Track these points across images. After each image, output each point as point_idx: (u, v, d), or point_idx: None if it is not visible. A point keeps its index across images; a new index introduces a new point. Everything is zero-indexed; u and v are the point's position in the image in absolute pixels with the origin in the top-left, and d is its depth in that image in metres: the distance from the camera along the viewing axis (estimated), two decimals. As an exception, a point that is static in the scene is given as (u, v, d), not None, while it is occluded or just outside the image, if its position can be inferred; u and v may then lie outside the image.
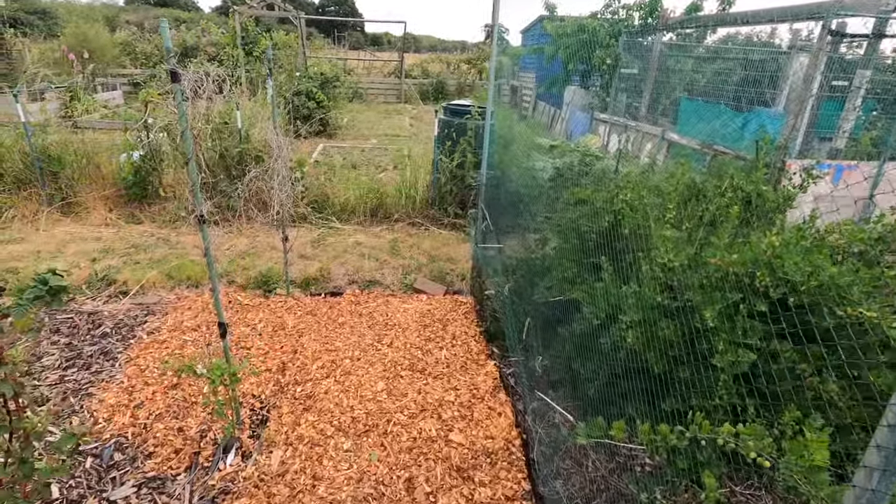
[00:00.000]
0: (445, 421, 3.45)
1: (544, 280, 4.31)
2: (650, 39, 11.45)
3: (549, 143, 8.98)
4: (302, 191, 6.64)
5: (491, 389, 3.81)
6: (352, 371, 3.98)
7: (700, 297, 3.02)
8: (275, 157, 4.29)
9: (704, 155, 9.22)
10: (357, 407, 3.56)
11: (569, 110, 14.86)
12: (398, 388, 3.80)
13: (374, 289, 5.61)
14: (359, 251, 6.28)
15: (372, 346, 4.37)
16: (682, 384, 3.08)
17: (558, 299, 4.00)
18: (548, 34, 13.64)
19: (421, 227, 7.12)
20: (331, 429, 3.35)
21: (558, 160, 8.08)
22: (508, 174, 6.65)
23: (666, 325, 3.12)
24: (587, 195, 4.23)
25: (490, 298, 5.24)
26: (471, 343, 4.48)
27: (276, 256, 5.94)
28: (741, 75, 10.28)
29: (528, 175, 6.77)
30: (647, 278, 3.31)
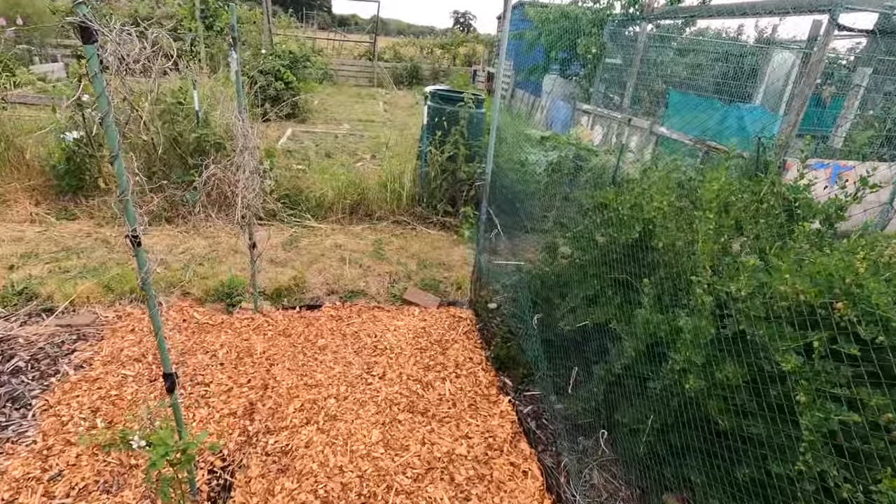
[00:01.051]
0: (460, 486, 2.77)
1: (565, 300, 3.66)
2: (635, 30, 10.95)
3: (539, 135, 8.34)
4: (271, 184, 5.76)
5: (510, 437, 3.14)
6: (338, 414, 3.23)
7: (765, 332, 2.42)
8: (240, 147, 3.45)
9: (697, 151, 8.78)
10: (347, 467, 2.83)
11: (549, 100, 14.28)
12: (397, 437, 3.08)
13: (358, 300, 4.84)
14: (338, 255, 5.47)
15: (361, 378, 3.63)
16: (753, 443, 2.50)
17: (584, 324, 3.35)
18: (528, 20, 12.97)
19: (407, 227, 6.36)
20: (316, 502, 2.60)
21: (552, 153, 7.44)
22: (506, 170, 5.96)
23: (731, 368, 2.51)
24: (609, 199, 3.57)
25: (494, 313, 4.57)
26: (478, 373, 3.80)
27: (241, 261, 5.08)
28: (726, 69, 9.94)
29: (530, 172, 6.09)
30: (700, 307, 2.68)
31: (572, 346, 3.48)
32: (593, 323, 3.28)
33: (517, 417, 3.32)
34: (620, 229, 3.37)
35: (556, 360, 3.60)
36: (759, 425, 2.47)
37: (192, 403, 3.24)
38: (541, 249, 4.08)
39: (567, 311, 3.48)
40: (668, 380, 2.68)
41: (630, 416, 2.81)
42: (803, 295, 2.40)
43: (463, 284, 5.20)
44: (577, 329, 3.38)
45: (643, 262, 3.17)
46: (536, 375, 3.62)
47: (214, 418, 3.15)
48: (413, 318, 4.56)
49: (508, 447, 3.05)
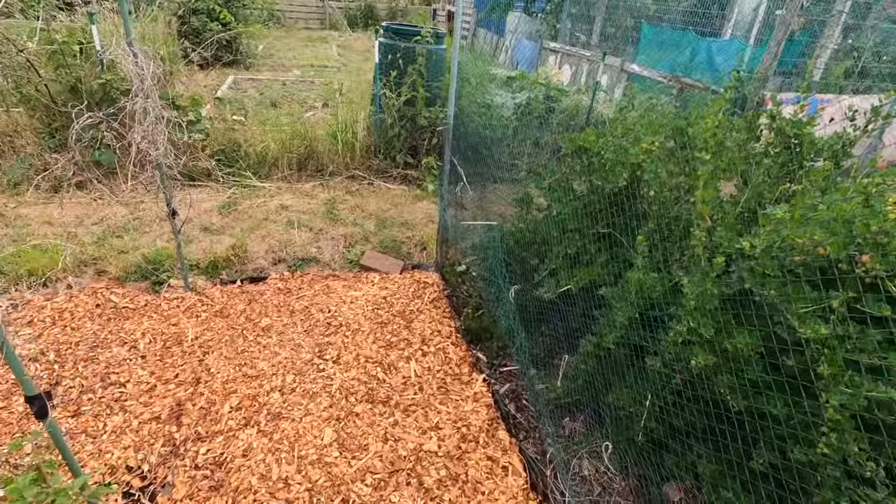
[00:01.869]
0: (430, 490, 2.34)
1: (543, 262, 3.18)
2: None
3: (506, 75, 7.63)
4: (201, 139, 4.96)
5: (487, 425, 2.72)
6: (284, 412, 2.73)
7: (778, 293, 2.03)
8: (134, 90, 2.71)
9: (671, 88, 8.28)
10: (294, 479, 2.36)
11: (514, 39, 13.39)
12: (354, 435, 2.61)
13: (309, 269, 4.26)
14: (285, 218, 4.82)
15: (311, 363, 3.11)
16: (768, 424, 2.14)
17: (566, 289, 2.89)
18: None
19: (364, 182, 5.71)
20: (254, 528, 2.14)
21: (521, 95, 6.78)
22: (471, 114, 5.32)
23: (744, 338, 2.11)
24: (590, 142, 3.04)
25: (464, 276, 4.08)
26: (448, 348, 3.33)
27: (169, 231, 4.37)
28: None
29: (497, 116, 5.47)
30: (704, 268, 2.25)
31: (553, 312, 3.04)
32: (577, 287, 2.82)
33: (493, 400, 2.89)
34: (604, 176, 2.86)
35: (534, 330, 3.16)
36: (775, 403, 2.09)
37: (103, 410, 2.67)
38: (513, 202, 3.55)
39: (546, 275, 3.01)
40: (669, 354, 2.27)
41: (624, 396, 2.41)
42: (822, 248, 1.97)
43: (428, 244, 4.67)
44: (558, 295, 2.92)
45: (630, 214, 2.70)
46: (513, 348, 3.18)
47: (132, 426, 2.61)
48: (373, 286, 4.03)
49: (485, 437, 2.64)
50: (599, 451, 2.52)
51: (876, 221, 1.80)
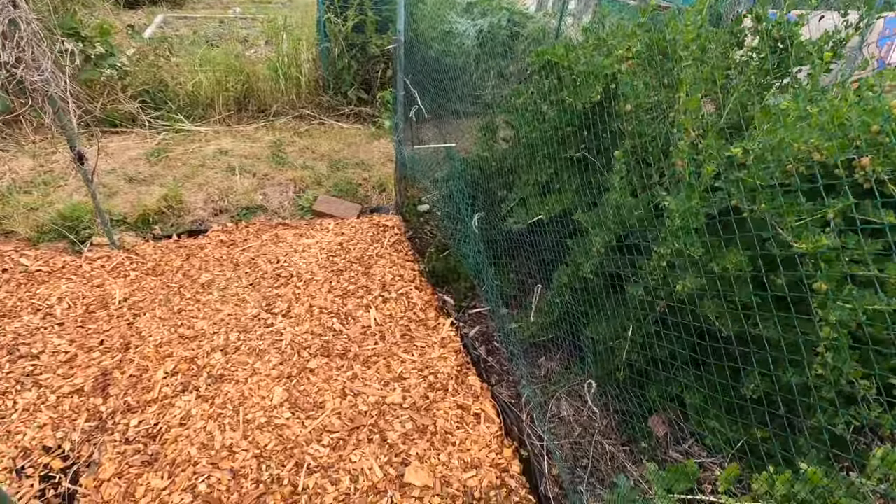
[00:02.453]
0: (395, 446, 2.11)
1: (511, 191, 2.88)
2: None
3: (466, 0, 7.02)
4: (115, 75, 4.33)
5: (455, 372, 2.48)
6: (227, 373, 2.42)
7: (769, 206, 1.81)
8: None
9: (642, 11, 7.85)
10: (240, 445, 2.08)
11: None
12: (308, 393, 2.34)
13: (256, 218, 3.85)
14: (225, 164, 4.32)
15: (258, 319, 2.78)
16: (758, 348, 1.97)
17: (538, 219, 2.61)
18: None
19: (313, 122, 5.19)
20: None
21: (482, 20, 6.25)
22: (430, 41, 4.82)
23: (733, 257, 1.90)
24: (559, 56, 2.67)
25: (426, 216, 3.75)
26: (411, 293, 3.05)
27: (89, 183, 3.84)
28: None
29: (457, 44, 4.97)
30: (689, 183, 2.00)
31: (524, 247, 2.77)
32: (549, 216, 2.54)
33: (462, 344, 2.65)
34: (576, 92, 2.51)
35: (504, 267, 2.90)
36: (767, 326, 1.90)
37: (12, 387, 2.30)
38: (478, 131, 3.19)
39: (515, 205, 2.71)
40: (652, 279, 2.04)
41: (604, 329, 2.19)
42: (818, 152, 1.74)
43: (387, 185, 4.29)
44: (528, 226, 2.64)
45: (605, 136, 2.40)
46: (482, 288, 2.92)
47: (48, 402, 2.26)
48: (327, 233, 3.67)
49: (454, 385, 2.40)
50: (578, 390, 2.32)
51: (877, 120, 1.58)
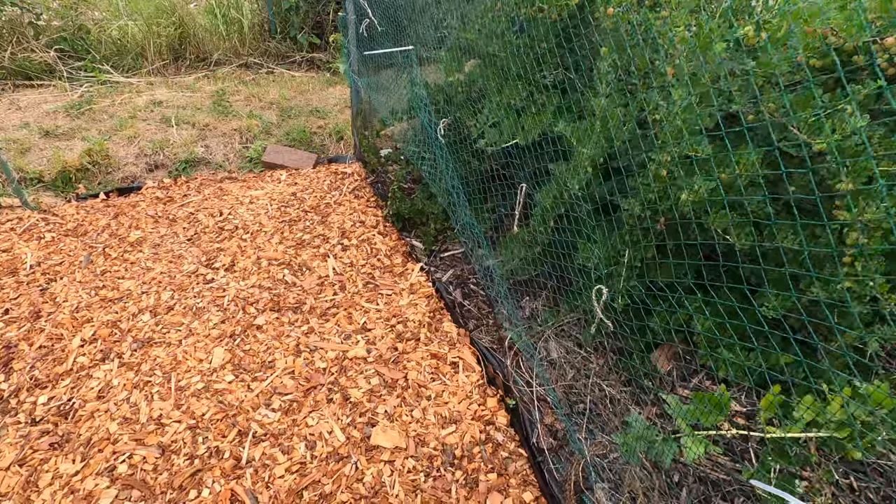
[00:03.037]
0: (359, 405, 1.78)
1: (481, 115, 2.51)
2: None
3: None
4: (29, 21, 3.74)
5: (428, 319, 2.16)
6: (157, 336, 2.04)
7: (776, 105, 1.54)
8: None
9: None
10: (171, 416, 1.73)
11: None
12: (256, 352, 1.98)
13: (197, 172, 3.41)
14: (159, 115, 3.82)
15: (196, 275, 2.39)
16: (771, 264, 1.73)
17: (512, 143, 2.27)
18: None
19: (260, 71, 4.69)
20: (111, 490, 1.52)
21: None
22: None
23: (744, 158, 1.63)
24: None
25: (390, 159, 3.37)
26: (374, 238, 2.69)
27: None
28: None
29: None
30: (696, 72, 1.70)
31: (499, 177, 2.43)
32: (526, 140, 2.20)
33: (435, 289, 2.32)
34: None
35: (478, 200, 2.56)
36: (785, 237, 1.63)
37: None
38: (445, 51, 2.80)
39: (488, 126, 2.35)
40: (650, 192, 1.74)
41: (595, 256, 1.88)
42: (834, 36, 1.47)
43: (345, 133, 3.87)
44: (502, 150, 2.30)
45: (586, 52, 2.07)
46: (456, 225, 2.59)
47: (-66, 383, 1.85)
48: (278, 183, 3.26)
49: (427, 333, 2.08)
50: (569, 330, 2.03)
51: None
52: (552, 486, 1.51)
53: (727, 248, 1.82)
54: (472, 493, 1.51)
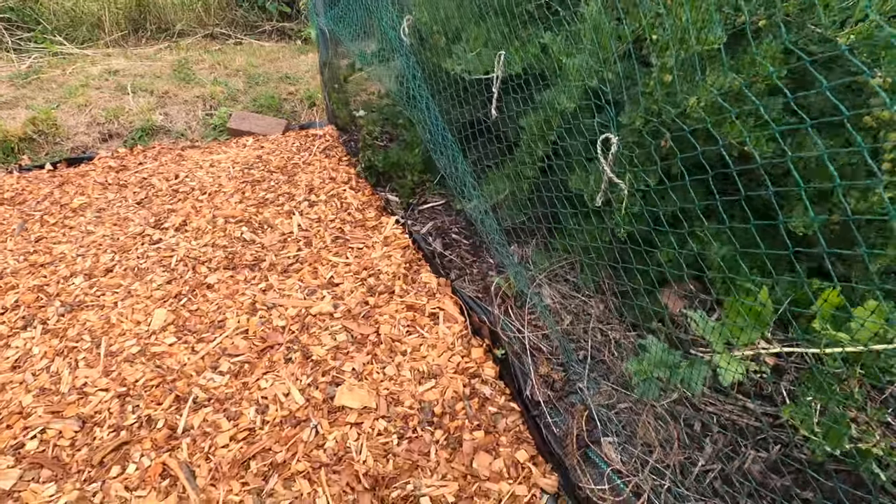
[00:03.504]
0: (321, 363, 1.52)
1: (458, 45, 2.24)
2: None
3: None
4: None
5: (403, 271, 1.90)
6: (89, 299, 1.77)
7: None
8: None
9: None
10: (98, 385, 1.46)
11: None
12: (204, 312, 1.71)
13: (156, 141, 3.12)
14: (115, 83, 3.53)
15: (142, 236, 2.12)
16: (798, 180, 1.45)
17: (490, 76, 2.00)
18: None
19: (228, 41, 4.40)
20: (14, 471, 1.25)
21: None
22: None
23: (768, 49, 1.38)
24: None
25: (366, 120, 3.09)
26: (344, 193, 2.42)
27: (-71, 110, 3.02)
28: None
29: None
30: None
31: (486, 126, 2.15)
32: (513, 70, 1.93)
33: (412, 240, 2.06)
34: None
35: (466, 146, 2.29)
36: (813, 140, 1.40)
37: None
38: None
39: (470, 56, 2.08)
40: (652, 102, 1.49)
41: (591, 184, 1.63)
42: None
43: (318, 99, 3.60)
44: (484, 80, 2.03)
45: None
46: (436, 178, 2.33)
47: None
48: (243, 148, 2.98)
49: (403, 285, 1.82)
50: (563, 274, 1.78)
51: None
52: (550, 442, 1.25)
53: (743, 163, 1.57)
54: (454, 455, 1.25)
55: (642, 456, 1.21)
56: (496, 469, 1.22)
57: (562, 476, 1.21)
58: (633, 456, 1.21)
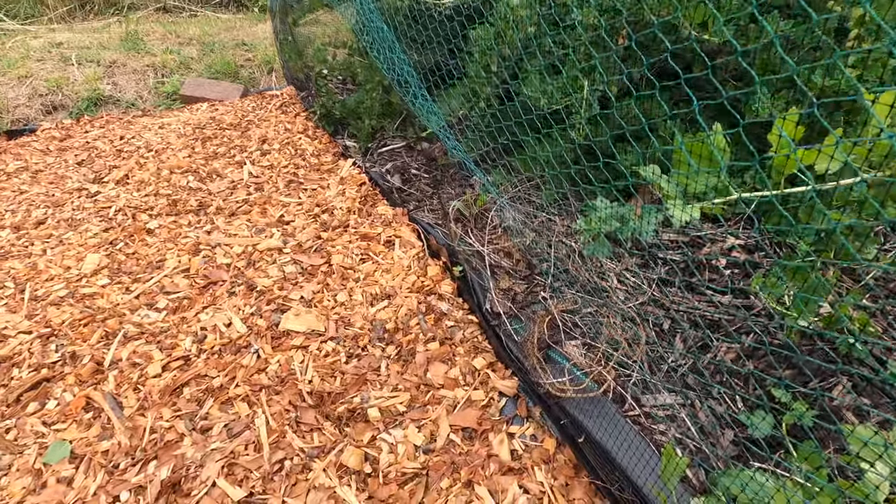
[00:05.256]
0: (266, 293, 1.41)
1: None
2: None
3: None
4: None
5: (358, 205, 1.79)
6: (15, 250, 1.64)
7: None
8: None
9: None
10: (20, 328, 1.33)
11: None
12: (141, 255, 1.59)
13: (104, 112, 2.96)
14: (58, 55, 3.35)
15: (79, 191, 1.98)
16: None
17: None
18: None
19: (182, 14, 4.22)
20: (-86, 413, 1.12)
21: None
22: None
23: None
24: None
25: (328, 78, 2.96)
26: (299, 141, 2.31)
27: None
28: None
29: None
30: None
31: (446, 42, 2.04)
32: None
33: (369, 178, 1.95)
34: None
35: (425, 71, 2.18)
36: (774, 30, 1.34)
37: None
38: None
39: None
40: None
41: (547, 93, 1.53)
42: None
43: (276, 64, 3.46)
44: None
45: None
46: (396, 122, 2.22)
47: None
48: (196, 113, 2.84)
49: (357, 218, 1.71)
50: (526, 196, 1.69)
51: None
52: (510, 348, 1.16)
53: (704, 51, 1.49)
54: (406, 367, 1.16)
55: (607, 352, 1.12)
56: (452, 377, 1.13)
57: (522, 379, 1.12)
58: (597, 353, 1.13)
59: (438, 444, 1.00)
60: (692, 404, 1.03)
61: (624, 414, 0.97)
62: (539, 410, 1.06)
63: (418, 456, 0.98)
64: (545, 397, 1.03)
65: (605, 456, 0.88)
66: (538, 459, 0.97)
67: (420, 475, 0.95)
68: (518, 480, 0.92)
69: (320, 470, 0.97)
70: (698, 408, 1.02)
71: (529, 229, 1.57)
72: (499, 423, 1.04)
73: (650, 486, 0.82)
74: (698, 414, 1.00)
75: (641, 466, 0.85)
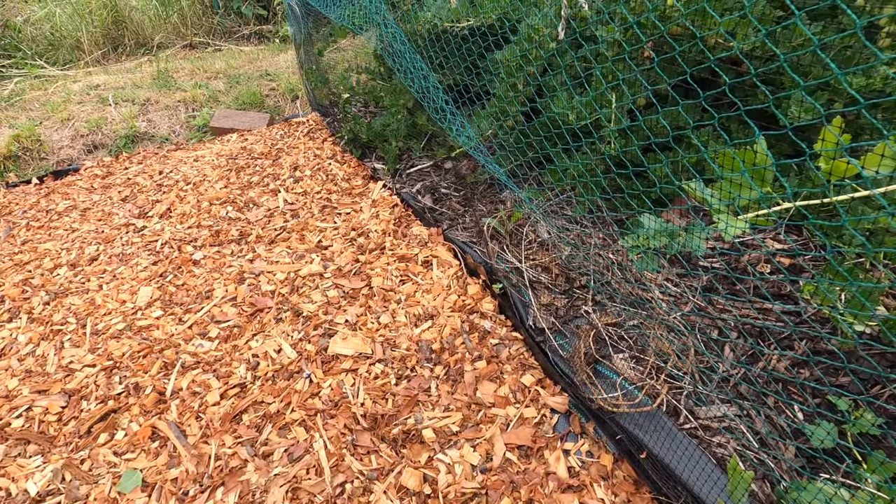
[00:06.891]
0: (312, 318, 1.45)
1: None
2: None
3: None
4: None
5: (393, 227, 1.83)
6: (73, 287, 1.72)
7: None
8: None
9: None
10: (84, 361, 1.40)
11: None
12: (191, 287, 1.66)
13: (141, 148, 3.10)
14: (96, 97, 3.52)
15: (127, 227, 2.07)
16: None
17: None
18: None
19: (207, 50, 4.39)
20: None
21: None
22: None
23: None
24: None
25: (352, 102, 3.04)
26: (330, 167, 2.37)
27: (-87, 138, 3.02)
28: None
29: None
30: None
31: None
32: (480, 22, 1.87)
33: (401, 199, 2.00)
34: None
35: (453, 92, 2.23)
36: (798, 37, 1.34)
37: None
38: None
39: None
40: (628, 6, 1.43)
41: (575, 109, 1.55)
42: None
43: (300, 91, 3.57)
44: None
45: None
46: (422, 142, 2.27)
47: None
48: (227, 144, 2.94)
49: (393, 240, 1.75)
50: (559, 211, 1.70)
51: None
52: (557, 364, 1.17)
53: (733, 63, 1.51)
54: (456, 387, 1.18)
55: (657, 364, 1.13)
56: (501, 395, 1.14)
57: (572, 395, 1.13)
58: (646, 366, 1.13)
59: (495, 462, 1.01)
60: (748, 415, 1.03)
61: (680, 427, 0.98)
62: (592, 426, 1.06)
63: (476, 475, 1.00)
64: (598, 413, 1.04)
65: (667, 471, 0.88)
66: (596, 476, 0.97)
67: (479, 495, 0.97)
68: (578, 498, 0.93)
69: (381, 492, 0.99)
70: (755, 418, 1.01)
71: (565, 243, 1.59)
72: (553, 440, 1.05)
73: (715, 500, 0.82)
74: (757, 425, 0.99)
75: (703, 480, 0.85)
